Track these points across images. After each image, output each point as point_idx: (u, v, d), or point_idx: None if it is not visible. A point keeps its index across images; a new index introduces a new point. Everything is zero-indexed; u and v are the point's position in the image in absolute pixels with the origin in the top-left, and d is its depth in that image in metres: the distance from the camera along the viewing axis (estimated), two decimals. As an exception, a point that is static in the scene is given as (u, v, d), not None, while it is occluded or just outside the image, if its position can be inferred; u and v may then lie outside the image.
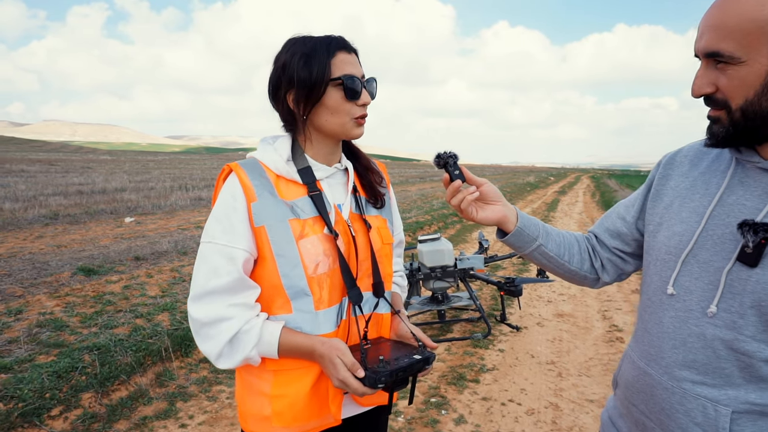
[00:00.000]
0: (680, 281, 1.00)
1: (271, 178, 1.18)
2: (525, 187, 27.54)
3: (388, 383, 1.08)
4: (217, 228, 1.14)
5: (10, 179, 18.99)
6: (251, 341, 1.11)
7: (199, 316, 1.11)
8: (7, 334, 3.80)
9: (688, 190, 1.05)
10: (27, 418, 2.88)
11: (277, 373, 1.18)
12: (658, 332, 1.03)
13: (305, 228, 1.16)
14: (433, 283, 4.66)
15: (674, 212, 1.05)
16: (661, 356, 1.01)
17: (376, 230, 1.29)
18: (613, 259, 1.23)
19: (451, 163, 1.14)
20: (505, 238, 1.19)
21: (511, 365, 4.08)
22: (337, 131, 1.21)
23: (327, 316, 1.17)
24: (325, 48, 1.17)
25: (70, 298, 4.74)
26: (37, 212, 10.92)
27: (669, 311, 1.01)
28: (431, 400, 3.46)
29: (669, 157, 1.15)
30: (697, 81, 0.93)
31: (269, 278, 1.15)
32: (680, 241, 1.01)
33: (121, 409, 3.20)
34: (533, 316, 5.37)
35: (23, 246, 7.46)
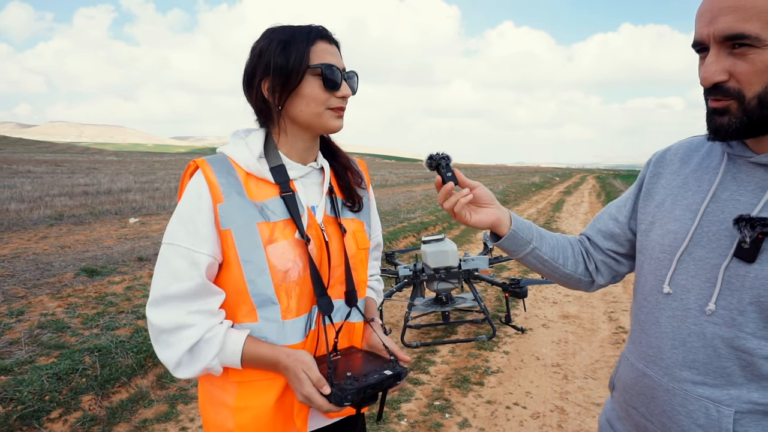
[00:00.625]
0: (676, 280, 0.98)
1: (240, 177, 1.10)
2: (530, 187, 27.43)
3: (355, 401, 1.01)
4: (181, 229, 1.06)
5: (17, 180, 19.07)
6: (213, 350, 1.05)
7: (159, 322, 1.04)
8: (9, 336, 3.79)
9: (680, 188, 1.03)
10: (26, 420, 2.85)
11: (240, 385, 1.11)
12: (656, 333, 1.01)
13: (275, 232, 1.09)
14: (437, 284, 4.61)
15: (667, 210, 1.04)
16: (660, 357, 0.99)
17: (351, 234, 1.22)
18: (607, 260, 1.21)
19: (444, 164, 1.09)
20: (499, 241, 1.15)
21: (516, 367, 4.03)
22: (313, 122, 1.13)
23: (294, 326, 1.10)
24: (305, 35, 1.10)
25: (72, 299, 4.72)
26: (42, 213, 10.94)
27: (666, 311, 0.99)
28: (435, 403, 3.41)
29: (659, 156, 1.13)
30: (710, 68, 0.87)
31: (234, 284, 1.08)
32: (675, 239, 0.99)
33: (121, 411, 3.17)
34: (538, 317, 5.31)
35: (27, 247, 7.47)
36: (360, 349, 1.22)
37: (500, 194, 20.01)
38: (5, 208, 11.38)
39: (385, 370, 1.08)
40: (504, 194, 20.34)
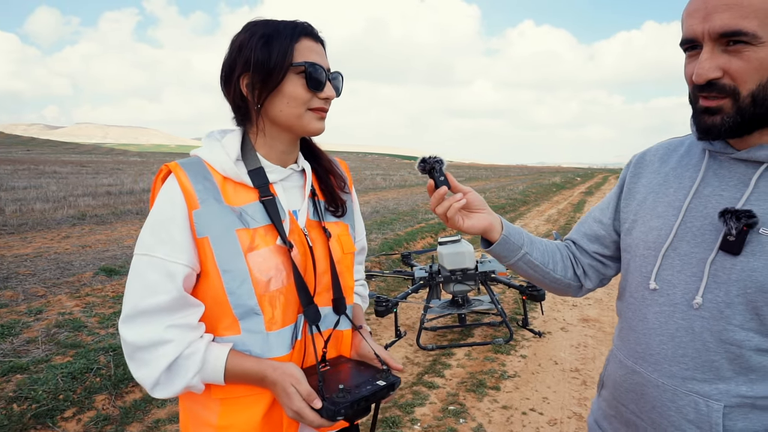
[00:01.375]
0: (662, 275, 0.99)
1: (216, 181, 1.03)
2: (551, 187, 27.10)
3: (348, 414, 0.96)
4: (153, 239, 0.99)
5: (43, 180, 19.49)
6: (193, 367, 0.98)
7: (133, 339, 0.97)
8: (26, 334, 3.83)
9: (661, 186, 1.06)
10: (40, 419, 2.87)
11: (224, 402, 1.04)
12: (643, 329, 1.02)
13: (255, 239, 1.02)
14: (453, 286, 4.54)
15: (648, 208, 1.05)
16: (649, 353, 1.00)
17: (336, 238, 1.16)
18: (594, 264, 1.22)
19: (438, 168, 1.06)
20: (491, 247, 1.15)
21: (533, 372, 3.94)
22: (293, 124, 1.07)
23: (280, 338, 1.04)
24: (290, 31, 1.04)
25: (90, 299, 4.77)
26: (65, 213, 11.15)
27: (653, 306, 1.00)
28: (449, 408, 3.35)
29: (638, 157, 1.16)
30: (705, 64, 0.86)
31: (214, 295, 1.02)
32: (659, 236, 1.01)
33: (134, 411, 3.17)
34: (557, 320, 5.20)
35: (50, 246, 7.59)
36: (349, 359, 1.16)
37: (520, 195, 19.80)
38: (31, 207, 11.62)
39: (378, 381, 1.04)
40: (524, 195, 20.11)
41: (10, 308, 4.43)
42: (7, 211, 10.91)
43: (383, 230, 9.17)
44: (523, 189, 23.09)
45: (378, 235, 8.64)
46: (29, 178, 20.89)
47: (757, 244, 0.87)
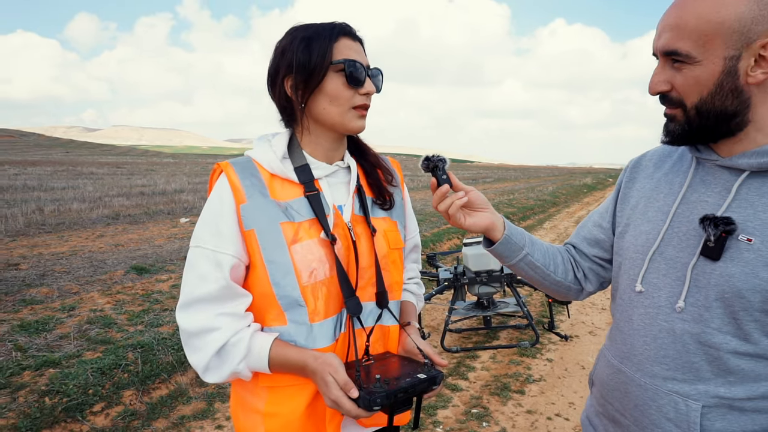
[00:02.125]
0: (648, 278, 1.02)
1: (264, 178, 1.10)
2: (581, 188, 26.61)
3: (384, 405, 0.97)
4: (205, 232, 1.07)
5: (80, 181, 20.13)
6: (239, 354, 1.03)
7: (187, 326, 1.05)
8: (60, 330, 3.95)
9: (652, 191, 1.09)
10: (70, 413, 2.95)
11: (271, 390, 1.09)
12: (629, 330, 1.05)
13: (299, 232, 1.07)
14: (478, 287, 4.50)
15: (640, 212, 1.09)
16: (633, 353, 1.04)
17: (382, 234, 1.18)
18: (594, 267, 1.24)
19: (440, 167, 1.08)
20: (493, 246, 1.15)
21: (559, 376, 3.86)
22: (335, 122, 1.11)
23: (323, 329, 1.08)
24: (328, 32, 1.09)
25: (120, 296, 4.89)
26: (100, 212, 11.47)
27: (638, 308, 1.03)
28: (472, 411, 3.31)
29: (635, 162, 1.19)
30: (654, 78, 0.96)
31: (260, 286, 1.07)
32: (647, 240, 1.04)
33: (160, 407, 3.23)
34: (585, 324, 5.09)
35: (84, 245, 7.82)
36: (395, 354, 1.18)
37: (550, 196, 19.49)
38: (68, 207, 12.00)
39: (419, 374, 1.04)
40: (554, 196, 19.79)
41: (45, 305, 4.57)
42: (46, 210, 11.30)
43: (409, 231, 9.12)
44: (552, 190, 22.73)
45: (404, 236, 8.60)
46: (67, 179, 21.60)
47: (736, 250, 0.90)
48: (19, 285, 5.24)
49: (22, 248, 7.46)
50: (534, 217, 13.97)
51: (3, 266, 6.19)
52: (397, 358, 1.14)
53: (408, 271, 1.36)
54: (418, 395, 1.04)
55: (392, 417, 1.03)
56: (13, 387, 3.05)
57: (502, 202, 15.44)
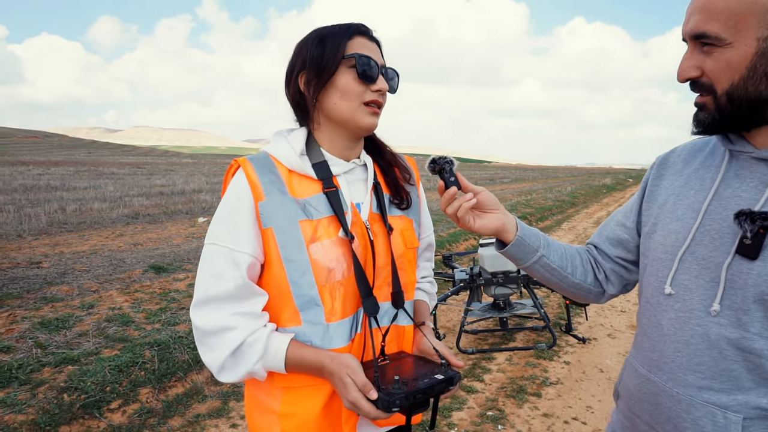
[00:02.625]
0: (678, 280, 0.96)
1: (282, 174, 1.08)
2: (601, 189, 26.27)
3: (404, 406, 0.95)
4: (222, 229, 1.05)
5: (101, 181, 20.47)
6: (256, 354, 1.02)
7: (202, 325, 1.03)
8: (79, 328, 4.00)
9: (682, 188, 1.03)
10: (88, 410, 2.99)
11: (287, 390, 1.08)
12: (658, 336, 0.99)
13: (318, 230, 1.06)
14: (494, 289, 4.45)
15: (669, 211, 1.03)
16: (663, 361, 0.97)
17: (398, 233, 1.17)
18: (617, 269, 1.18)
19: (447, 169, 1.06)
20: (505, 248, 1.11)
21: (577, 380, 3.80)
22: (346, 117, 1.09)
23: (340, 329, 1.06)
24: (344, 30, 1.10)
25: (138, 295, 4.94)
26: (121, 212, 11.65)
27: (668, 312, 0.97)
28: (488, 413, 3.27)
29: (662, 158, 1.13)
30: (683, 64, 0.91)
31: (277, 285, 1.06)
32: (676, 239, 0.98)
33: (176, 405, 3.25)
34: (604, 326, 5.01)
35: (105, 244, 7.94)
36: (410, 354, 1.17)
37: (569, 196, 19.27)
38: (89, 207, 12.21)
39: (436, 375, 1.03)
40: (572, 196, 19.57)
41: (65, 302, 4.65)
42: (68, 210, 11.51)
43: (425, 231, 9.10)
44: (571, 190, 22.48)
45: (420, 237, 8.58)
46: (89, 178, 21.98)
47: None
48: (41, 283, 5.34)
49: (45, 247, 7.60)
50: (552, 218, 13.82)
51: (26, 264, 6.31)
52: (412, 358, 1.13)
53: (421, 269, 1.34)
54: (435, 396, 1.03)
55: (410, 418, 1.02)
56: (33, 383, 3.10)
57: (520, 203, 15.31)
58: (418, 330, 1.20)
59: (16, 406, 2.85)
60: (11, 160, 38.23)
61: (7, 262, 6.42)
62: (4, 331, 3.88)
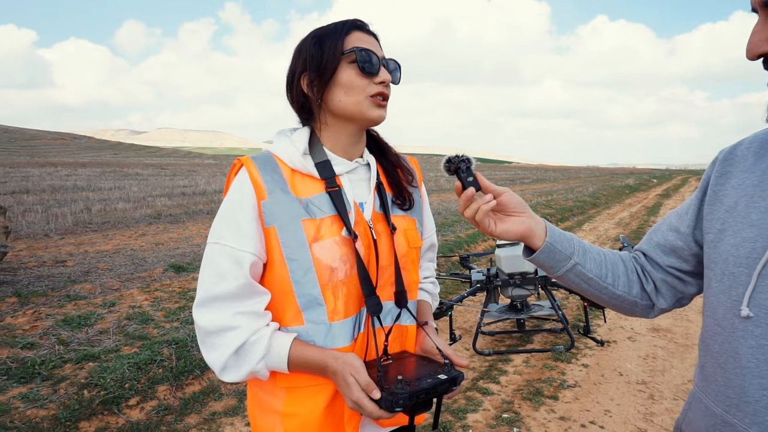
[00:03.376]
0: (758, 299, 0.80)
1: (285, 174, 1.08)
2: (623, 189, 25.84)
3: (407, 406, 0.95)
4: (224, 228, 1.05)
5: (126, 182, 20.87)
6: (258, 353, 1.02)
7: (204, 324, 1.03)
8: (100, 325, 4.08)
9: (755, 187, 0.86)
10: (107, 406, 3.04)
11: (289, 390, 1.08)
12: (735, 368, 0.82)
13: (321, 229, 1.05)
14: (511, 290, 4.41)
15: (740, 215, 0.86)
16: (744, 401, 0.80)
17: (401, 232, 1.16)
18: (669, 279, 1.03)
19: (463, 168, 0.98)
20: (533, 255, 1.01)
21: (595, 383, 3.74)
22: (352, 112, 1.09)
23: (342, 329, 1.06)
24: (340, 27, 1.10)
25: (158, 293, 5.02)
26: (144, 212, 11.86)
27: (747, 339, 0.81)
28: (503, 416, 3.24)
29: (726, 152, 0.95)
30: (754, 37, 0.78)
31: (279, 284, 1.06)
32: (753, 249, 0.82)
33: (193, 403, 3.29)
34: (624, 329, 4.92)
35: (127, 243, 8.09)
36: (413, 354, 1.16)
37: (590, 197, 19.01)
38: (114, 207, 12.46)
39: (439, 375, 1.02)
40: (594, 197, 19.29)
41: (87, 300, 4.75)
42: (93, 210, 11.76)
43: (444, 232, 9.07)
44: (593, 191, 22.16)
45: (438, 237, 8.56)
46: (114, 179, 22.43)
47: None
48: (65, 281, 5.46)
49: (70, 246, 7.78)
50: (573, 219, 13.64)
51: (51, 263, 6.47)
52: (415, 358, 1.12)
53: (424, 270, 1.34)
54: (438, 396, 1.02)
55: (413, 417, 1.01)
56: (55, 379, 3.17)
57: (540, 203, 15.16)
58: (422, 330, 1.19)
59: (38, 401, 2.92)
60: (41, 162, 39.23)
61: (33, 261, 6.58)
62: (28, 327, 3.98)
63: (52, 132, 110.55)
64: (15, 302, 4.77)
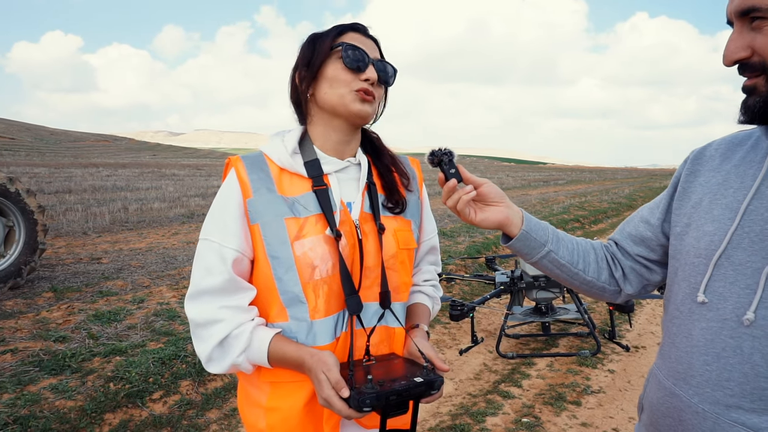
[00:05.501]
0: (712, 287, 0.88)
1: (272, 173, 1.10)
2: (661, 191, 25.05)
3: (375, 406, 0.94)
4: (212, 225, 1.09)
5: (163, 182, 21.43)
6: (240, 346, 1.04)
7: (194, 317, 1.07)
8: (129, 321, 4.20)
9: (719, 186, 0.94)
10: (131, 399, 3.13)
11: (274, 385, 1.10)
12: (687, 346, 0.92)
13: (304, 228, 1.07)
14: (536, 293, 4.34)
15: (704, 210, 0.94)
16: (690, 374, 0.90)
17: (391, 233, 1.15)
18: (637, 267, 1.11)
19: (446, 161, 1.03)
20: (510, 242, 1.08)
21: (620, 389, 3.64)
22: (335, 104, 1.10)
23: (323, 327, 1.07)
24: (337, 29, 1.12)
25: (186, 291, 5.13)
26: (177, 211, 12.16)
27: (700, 322, 0.90)
28: (522, 420, 3.19)
29: (697, 152, 1.04)
30: (730, 45, 0.84)
31: (264, 281, 1.08)
32: (711, 242, 0.90)
33: (214, 398, 3.36)
34: (654, 334, 4.77)
35: (160, 241, 8.31)
36: (400, 356, 1.15)
37: (626, 198, 18.54)
38: (150, 206, 12.82)
39: (416, 377, 1.00)
40: (630, 198, 18.80)
41: (119, 296, 4.90)
42: (130, 209, 12.13)
43: (471, 233, 8.99)
44: (629, 193, 21.60)
45: (465, 238, 8.49)
46: (152, 179, 23.07)
47: None
48: (99, 277, 5.65)
49: (106, 243, 8.05)
50: (606, 221, 13.32)
51: (87, 260, 6.70)
52: (400, 360, 1.11)
53: (424, 273, 1.33)
54: (414, 399, 1.01)
55: (385, 420, 0.99)
56: (84, 372, 3.28)
57: (573, 205, 14.86)
58: (412, 331, 1.18)
59: (67, 393, 3.03)
60: (84, 162, 40.71)
61: (71, 258, 6.83)
62: (62, 322, 4.13)
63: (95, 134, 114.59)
64: (51, 297, 4.96)
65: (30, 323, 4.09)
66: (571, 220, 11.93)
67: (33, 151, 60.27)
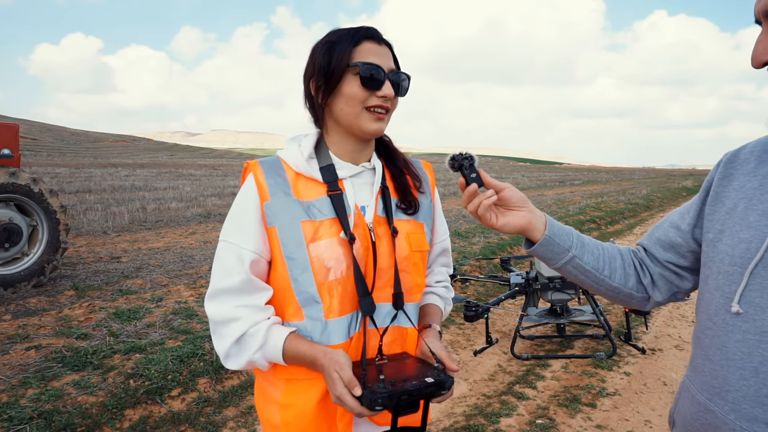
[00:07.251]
0: (748, 297, 0.84)
1: (289, 177, 1.14)
2: (680, 192, 24.75)
3: (387, 405, 0.96)
4: (231, 227, 1.13)
5: (180, 182, 21.69)
6: (256, 344, 1.08)
7: (213, 315, 1.12)
8: (148, 319, 4.28)
9: (755, 190, 0.89)
10: (150, 395, 3.19)
11: (289, 382, 1.13)
12: (721, 360, 0.87)
13: (319, 230, 1.10)
14: (551, 294, 4.32)
15: (739, 216, 0.90)
16: (726, 390, 0.86)
17: (404, 236, 1.18)
18: (666, 274, 1.07)
19: (467, 165, 1.04)
20: (533, 248, 1.06)
21: (636, 392, 3.62)
22: (350, 123, 1.13)
23: (338, 326, 1.10)
24: (351, 36, 1.13)
25: (203, 290, 5.21)
26: (194, 211, 12.31)
27: (735, 334, 0.86)
28: (537, 421, 3.19)
29: (731, 155, 0.99)
30: (758, 46, 0.81)
31: (281, 282, 1.12)
32: (747, 249, 0.86)
33: (231, 396, 3.41)
34: (671, 337, 4.73)
35: (177, 241, 8.43)
36: (411, 356, 1.18)
37: (643, 199, 18.32)
38: (167, 206, 13.00)
39: (427, 377, 1.03)
40: (647, 199, 18.58)
41: (138, 295, 4.99)
42: (148, 209, 12.31)
43: (486, 234, 8.98)
44: (646, 193, 21.34)
45: (480, 239, 8.48)
46: (169, 179, 23.36)
47: None
48: (119, 276, 5.76)
49: (125, 243, 8.18)
50: (623, 222, 13.19)
51: (107, 259, 6.83)
52: (413, 360, 1.14)
53: (436, 274, 1.35)
54: (425, 399, 1.03)
55: (396, 418, 1.02)
56: (105, 368, 3.35)
57: (590, 205, 14.73)
58: (424, 331, 1.20)
59: (89, 389, 3.10)
60: (103, 162, 41.36)
61: (91, 257, 6.97)
62: (83, 319, 4.23)
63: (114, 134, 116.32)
64: (73, 295, 5.07)
65: (53, 320, 4.19)
66: (587, 220, 11.83)
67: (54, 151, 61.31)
